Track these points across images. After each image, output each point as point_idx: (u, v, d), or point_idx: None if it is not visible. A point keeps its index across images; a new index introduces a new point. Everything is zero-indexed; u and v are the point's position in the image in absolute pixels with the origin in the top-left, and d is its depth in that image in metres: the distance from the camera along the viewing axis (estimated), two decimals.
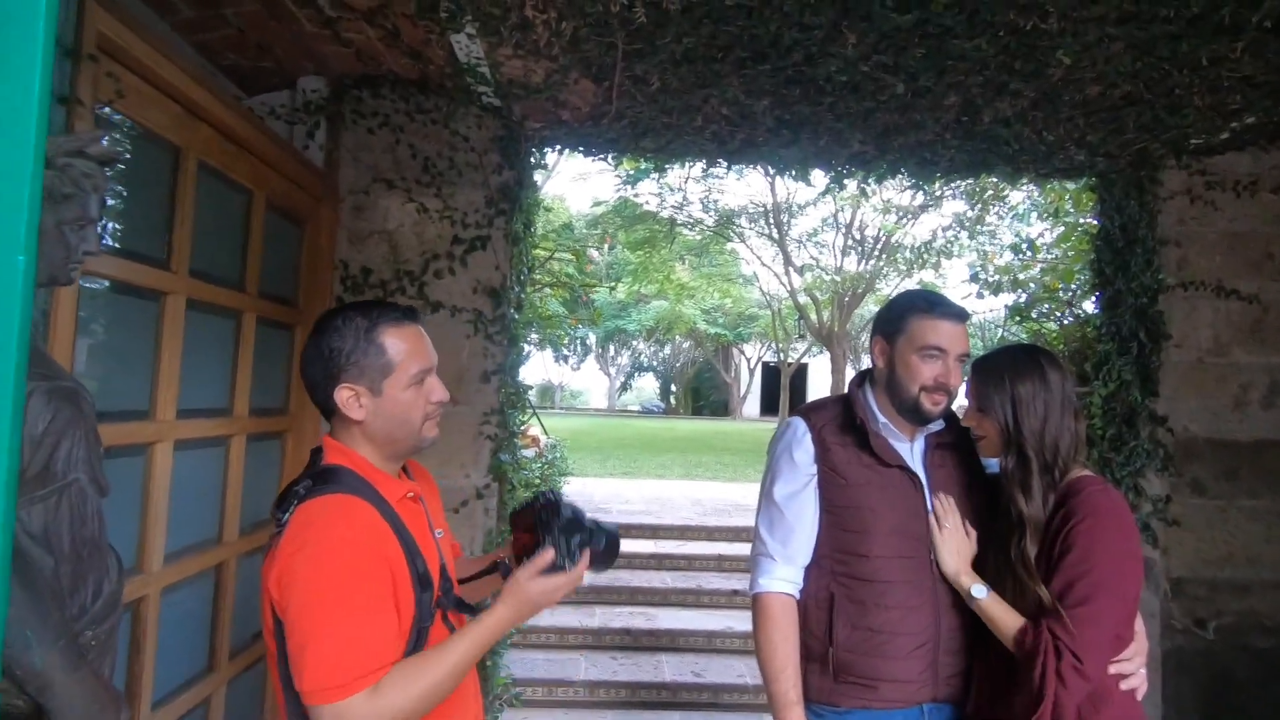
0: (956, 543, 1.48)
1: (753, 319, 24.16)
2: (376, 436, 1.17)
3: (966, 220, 10.16)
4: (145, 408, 1.73)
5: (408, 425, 1.18)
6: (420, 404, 1.18)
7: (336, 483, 1.11)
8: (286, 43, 2.27)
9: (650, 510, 7.02)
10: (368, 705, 0.98)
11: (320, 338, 1.16)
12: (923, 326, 1.51)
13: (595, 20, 1.99)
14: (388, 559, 1.08)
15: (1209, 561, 2.77)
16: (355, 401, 1.15)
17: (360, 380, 1.14)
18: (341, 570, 1.02)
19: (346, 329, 1.15)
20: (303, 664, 0.98)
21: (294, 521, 1.06)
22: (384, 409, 1.16)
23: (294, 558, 1.02)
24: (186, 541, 1.91)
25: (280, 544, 1.05)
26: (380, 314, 1.17)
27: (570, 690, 3.85)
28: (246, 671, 2.21)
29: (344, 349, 1.14)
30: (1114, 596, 1.34)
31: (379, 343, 1.15)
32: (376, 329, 1.15)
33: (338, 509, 1.08)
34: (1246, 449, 2.79)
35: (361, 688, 0.98)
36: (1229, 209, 2.83)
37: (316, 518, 1.06)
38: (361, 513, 1.09)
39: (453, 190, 2.67)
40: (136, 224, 1.72)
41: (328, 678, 0.97)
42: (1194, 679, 2.74)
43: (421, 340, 1.20)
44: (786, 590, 1.53)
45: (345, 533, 1.05)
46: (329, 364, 1.14)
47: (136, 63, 1.52)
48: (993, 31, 1.95)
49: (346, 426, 1.18)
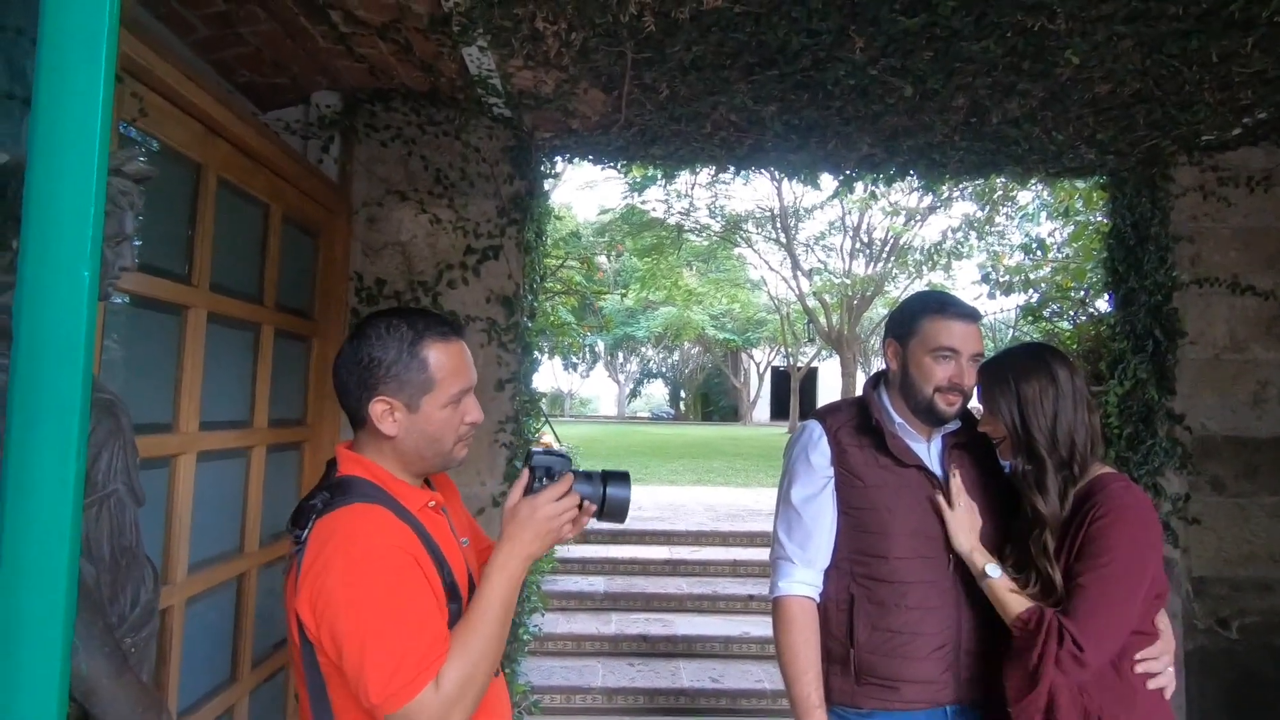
0: (969, 521, 1.48)
1: (761, 324, 24.14)
2: (406, 454, 1.14)
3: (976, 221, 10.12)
4: (169, 420, 1.76)
5: (439, 444, 1.14)
6: (454, 424, 1.14)
7: (354, 494, 1.07)
8: (301, 59, 2.31)
9: (664, 516, 7.01)
10: (436, 697, 0.96)
11: (360, 343, 1.12)
12: (935, 327, 1.51)
13: (605, 30, 2.01)
14: (416, 558, 1.05)
15: (1230, 560, 2.74)
16: (389, 416, 1.11)
17: (399, 395, 1.10)
18: (374, 578, 1.00)
19: (390, 338, 1.10)
20: (365, 681, 0.96)
21: (314, 539, 1.03)
22: (418, 426, 1.12)
23: (323, 578, 0.99)
24: (209, 552, 1.93)
25: (304, 564, 1.02)
26: (426, 326, 1.13)
27: (588, 697, 3.85)
28: (268, 681, 2.23)
29: (385, 360, 1.09)
30: (1125, 590, 1.33)
31: (422, 357, 1.11)
32: (421, 342, 1.11)
33: (358, 518, 1.05)
34: (1266, 446, 2.76)
35: (425, 683, 0.96)
36: (1242, 204, 2.81)
37: (338, 531, 1.03)
38: (383, 518, 1.06)
39: (465, 201, 2.70)
40: (159, 239, 1.75)
41: (389, 683, 0.95)
42: (1219, 679, 2.71)
43: (464, 357, 1.16)
44: (806, 594, 1.53)
45: (370, 539, 1.03)
46: (367, 373, 1.10)
47: (159, 82, 1.55)
48: (1000, 32, 1.96)
49: (374, 439, 1.14)
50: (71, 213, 0.43)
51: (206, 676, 1.94)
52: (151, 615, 0.95)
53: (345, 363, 1.13)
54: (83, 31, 0.41)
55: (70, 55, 0.41)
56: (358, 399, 1.12)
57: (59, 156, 0.43)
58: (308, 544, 1.03)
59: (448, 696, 0.97)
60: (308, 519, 1.06)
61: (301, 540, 1.04)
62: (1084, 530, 1.36)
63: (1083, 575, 1.33)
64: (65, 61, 0.42)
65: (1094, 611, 1.31)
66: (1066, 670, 1.30)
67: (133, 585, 0.89)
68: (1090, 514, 1.37)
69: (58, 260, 0.43)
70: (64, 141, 0.43)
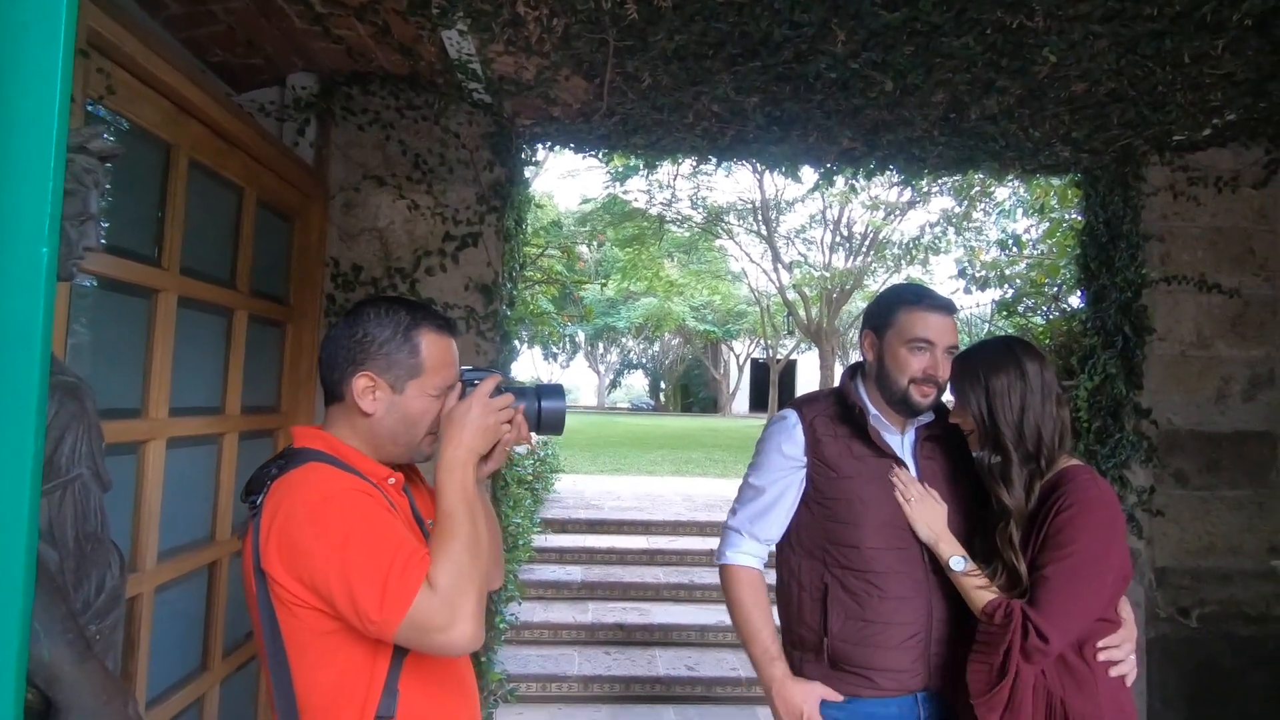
0: (927, 511, 1.50)
1: (741, 315, 24.23)
2: (379, 435, 1.14)
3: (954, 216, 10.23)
4: (137, 405, 1.73)
5: (413, 432, 1.15)
6: (431, 416, 1.15)
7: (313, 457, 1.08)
8: (276, 39, 2.26)
9: (642, 506, 7.04)
10: (435, 596, 0.96)
11: (357, 320, 1.14)
12: (911, 319, 1.53)
13: (587, 17, 2.00)
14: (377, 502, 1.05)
15: (1192, 551, 2.82)
16: (371, 393, 1.12)
17: (385, 374, 1.12)
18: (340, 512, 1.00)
19: (388, 319, 1.13)
20: (360, 605, 0.95)
21: (270, 499, 1.03)
22: (398, 409, 1.13)
23: (287, 526, 0.99)
24: (180, 540, 1.90)
25: (263, 523, 1.01)
26: (425, 315, 1.16)
27: (564, 685, 3.86)
28: (239, 671, 2.21)
29: (379, 337, 1.12)
30: (1088, 578, 1.35)
31: (415, 342, 1.13)
32: (418, 328, 1.14)
33: (315, 472, 1.05)
34: (1228, 440, 2.84)
35: (417, 587, 0.96)
36: (1211, 204, 2.87)
37: (295, 485, 1.03)
38: (345, 474, 1.07)
39: (444, 187, 2.67)
40: (127, 221, 1.71)
41: (385, 598, 0.95)
42: (1178, 667, 2.79)
43: (452, 355, 1.18)
44: (751, 564, 1.60)
45: (328, 484, 1.03)
46: (358, 347, 1.12)
47: (127, 59, 1.51)
48: (980, 29, 1.97)
49: (348, 416, 1.14)
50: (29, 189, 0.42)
51: (176, 665, 1.92)
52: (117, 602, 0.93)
53: (337, 336, 1.15)
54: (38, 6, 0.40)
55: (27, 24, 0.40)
56: (341, 372, 1.13)
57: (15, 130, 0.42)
58: (264, 506, 1.03)
59: (445, 594, 0.96)
60: (263, 485, 1.06)
61: (257, 505, 1.04)
62: (1049, 521, 1.39)
63: (1047, 565, 1.36)
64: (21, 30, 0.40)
65: (1056, 600, 1.33)
66: (1032, 659, 1.33)
67: (98, 571, 0.88)
68: (1056, 505, 1.40)
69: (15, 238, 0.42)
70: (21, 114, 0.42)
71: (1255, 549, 2.82)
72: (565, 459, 9.40)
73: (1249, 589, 2.81)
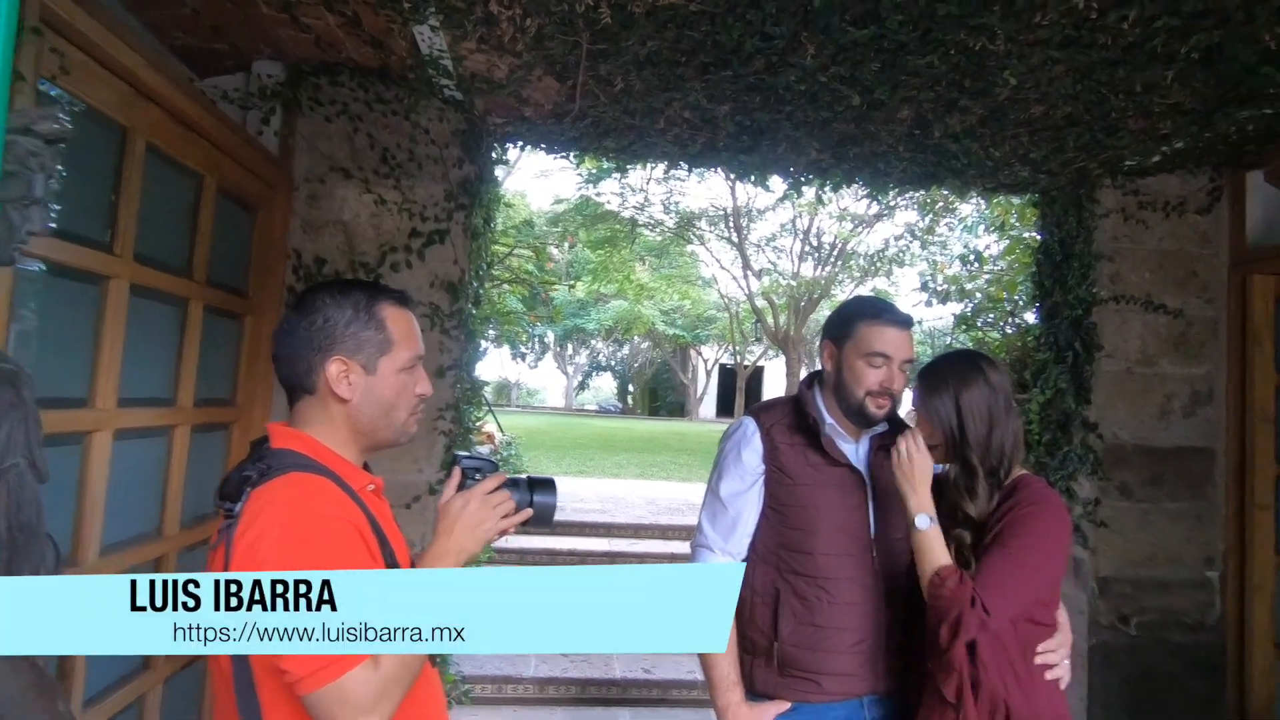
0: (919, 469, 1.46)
1: (711, 321, 24.39)
2: (359, 421, 1.09)
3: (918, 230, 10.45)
4: (84, 395, 1.68)
5: (394, 413, 1.11)
6: (408, 393, 1.11)
7: (293, 464, 1.02)
8: (242, 25, 2.22)
9: (605, 509, 7.03)
10: (371, 677, 0.89)
11: (310, 308, 1.08)
12: (869, 333, 1.55)
13: (560, 18, 2.00)
14: (360, 531, 1.00)
15: (1134, 561, 2.92)
16: (345, 378, 1.07)
17: (356, 354, 1.07)
18: (313, 544, 0.93)
19: (345, 300, 1.08)
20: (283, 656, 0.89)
21: (248, 509, 0.97)
22: (374, 390, 1.09)
23: (256, 546, 0.93)
24: (125, 534, 1.85)
25: (236, 536, 0.95)
26: (380, 291, 1.12)
27: (520, 687, 3.84)
28: (185, 669, 2.15)
29: (340, 319, 1.07)
30: (1029, 565, 1.39)
31: (379, 318, 1.09)
32: (377, 304, 1.10)
33: (298, 485, 0.99)
34: (1170, 455, 2.95)
35: (361, 660, 0.89)
36: (1158, 228, 2.99)
37: (276, 498, 0.97)
38: (324, 487, 1.01)
39: (412, 183, 2.64)
40: (78, 205, 1.66)
41: (320, 656, 0.87)
42: (1119, 673, 2.88)
43: (415, 327, 1.15)
44: None
45: (311, 506, 0.97)
46: (321, 334, 1.06)
47: (82, 38, 1.47)
48: (944, 50, 2.03)
49: (324, 408, 1.09)
50: None
51: (116, 663, 1.86)
52: None
53: (294, 328, 1.09)
54: None
55: None
56: (309, 363, 1.07)
57: None
58: (241, 516, 0.97)
59: (384, 678, 0.91)
60: (241, 490, 0.99)
61: (234, 514, 0.98)
62: (1001, 521, 1.43)
63: (991, 552, 1.40)
64: None
65: (996, 577, 1.36)
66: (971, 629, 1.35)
67: (30, 564, 0.85)
68: (1008, 507, 1.44)
69: None
70: None
71: (1193, 559, 2.93)
72: (530, 460, 9.36)
73: (1186, 598, 2.92)
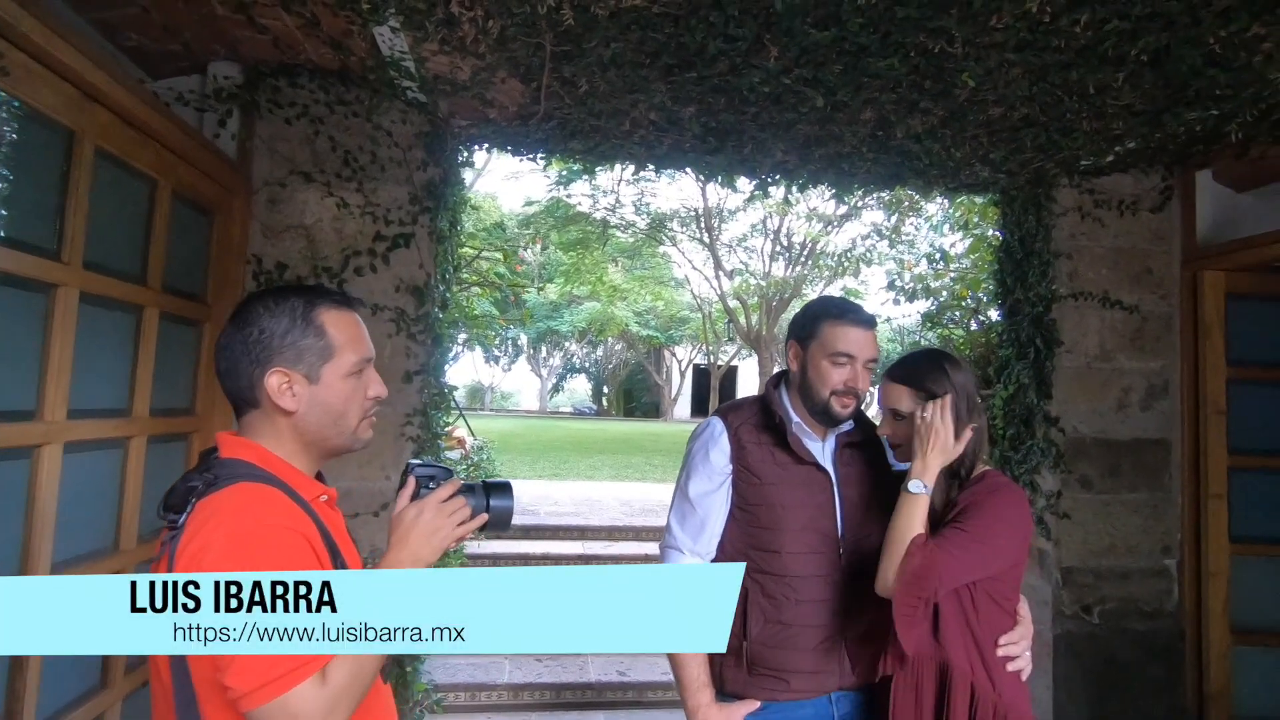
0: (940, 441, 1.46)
1: (684, 322, 24.45)
2: (307, 432, 1.06)
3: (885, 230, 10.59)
4: (31, 407, 1.62)
5: (344, 421, 1.07)
6: (359, 397, 1.08)
7: (241, 475, 0.98)
8: (196, 26, 2.17)
9: (579, 512, 7.01)
10: (319, 693, 0.87)
11: (247, 318, 1.05)
12: (834, 333, 1.57)
13: (523, 20, 1.99)
14: (309, 541, 0.97)
15: (1095, 551, 2.99)
16: (288, 389, 1.04)
17: (296, 365, 1.04)
18: (260, 556, 0.90)
19: (280, 309, 1.04)
20: (228, 662, 0.86)
21: (193, 520, 0.93)
22: (320, 399, 1.05)
23: (200, 558, 0.90)
24: (79, 550, 1.79)
25: (179, 548, 0.92)
26: (318, 295, 1.08)
27: (494, 694, 3.81)
28: (145, 687, 2.09)
29: (277, 330, 1.03)
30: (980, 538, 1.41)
31: (318, 324, 1.05)
32: (315, 310, 1.06)
33: (246, 495, 0.96)
34: (1127, 448, 3.03)
35: (307, 674, 0.87)
36: (1114, 226, 3.06)
37: (221, 509, 0.93)
38: (273, 497, 0.97)
39: (375, 186, 2.61)
40: (24, 211, 1.61)
41: (265, 671, 0.85)
42: (1082, 661, 2.95)
43: (361, 329, 1.11)
44: None
45: (258, 516, 0.94)
46: (259, 346, 1.03)
47: (23, 38, 1.42)
48: (904, 52, 2.06)
49: (270, 421, 1.05)
50: None
51: (73, 682, 1.81)
52: None
53: (230, 343, 1.05)
54: None
55: None
56: (248, 377, 1.04)
57: None
58: (185, 527, 0.94)
59: (333, 693, 0.88)
60: (186, 501, 0.96)
61: (178, 525, 0.95)
62: (957, 508, 1.46)
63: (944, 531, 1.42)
64: None
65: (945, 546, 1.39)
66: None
67: None
68: (967, 497, 1.47)
69: None
70: None
71: (1150, 548, 3.01)
72: (504, 464, 9.29)
73: (1145, 586, 3.00)
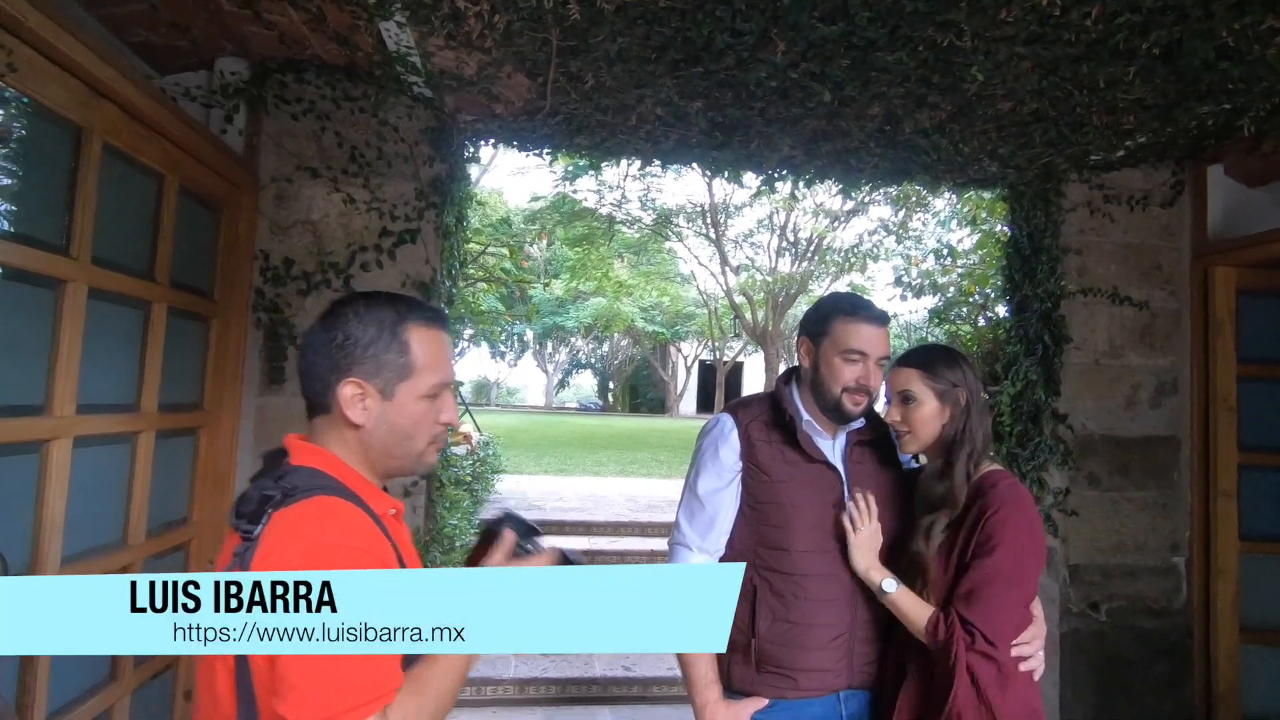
0: (871, 543, 1.53)
1: (690, 317, 24.42)
2: (372, 448, 1.03)
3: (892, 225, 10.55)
4: (40, 402, 1.63)
5: (410, 443, 1.05)
6: (429, 421, 1.05)
7: (318, 486, 0.96)
8: (203, 21, 2.17)
9: (584, 507, 7.01)
10: None
11: (335, 321, 1.03)
12: (846, 330, 1.56)
13: (529, 15, 1.98)
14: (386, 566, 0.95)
15: (1102, 549, 2.97)
16: (359, 401, 1.01)
17: (374, 378, 1.01)
18: None
19: (369, 317, 1.02)
20: (291, 696, 0.83)
21: (270, 533, 0.91)
22: (390, 417, 1.03)
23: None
24: (87, 544, 1.81)
25: (255, 561, 0.90)
26: (410, 308, 1.05)
27: (500, 689, 3.82)
28: (153, 680, 2.11)
29: (362, 339, 1.01)
30: (1019, 580, 1.43)
31: (403, 339, 1.02)
32: (404, 324, 1.03)
33: (327, 512, 0.93)
34: (1136, 445, 3.01)
35: (370, 714, 0.85)
36: (1123, 221, 3.04)
37: (301, 525, 0.91)
38: (354, 516, 0.95)
39: (381, 181, 2.61)
40: (34, 207, 1.62)
41: (326, 704, 0.83)
42: (1089, 659, 2.94)
43: (446, 349, 1.07)
44: None
45: (339, 538, 0.91)
46: (340, 352, 1.01)
47: (31, 34, 1.42)
48: (912, 46, 2.04)
49: (337, 430, 1.03)
50: None
51: (82, 675, 1.82)
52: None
53: (315, 342, 1.04)
54: None
55: None
56: (325, 382, 1.02)
57: None
58: (260, 540, 0.91)
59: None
60: (261, 511, 0.93)
61: (253, 536, 0.92)
62: (979, 527, 1.44)
63: (981, 570, 1.41)
64: None
65: (997, 605, 1.39)
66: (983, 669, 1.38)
67: None
68: (981, 510, 1.45)
69: None
70: None
71: (1159, 546, 3.00)
72: (510, 459, 9.30)
73: (1153, 584, 2.98)
